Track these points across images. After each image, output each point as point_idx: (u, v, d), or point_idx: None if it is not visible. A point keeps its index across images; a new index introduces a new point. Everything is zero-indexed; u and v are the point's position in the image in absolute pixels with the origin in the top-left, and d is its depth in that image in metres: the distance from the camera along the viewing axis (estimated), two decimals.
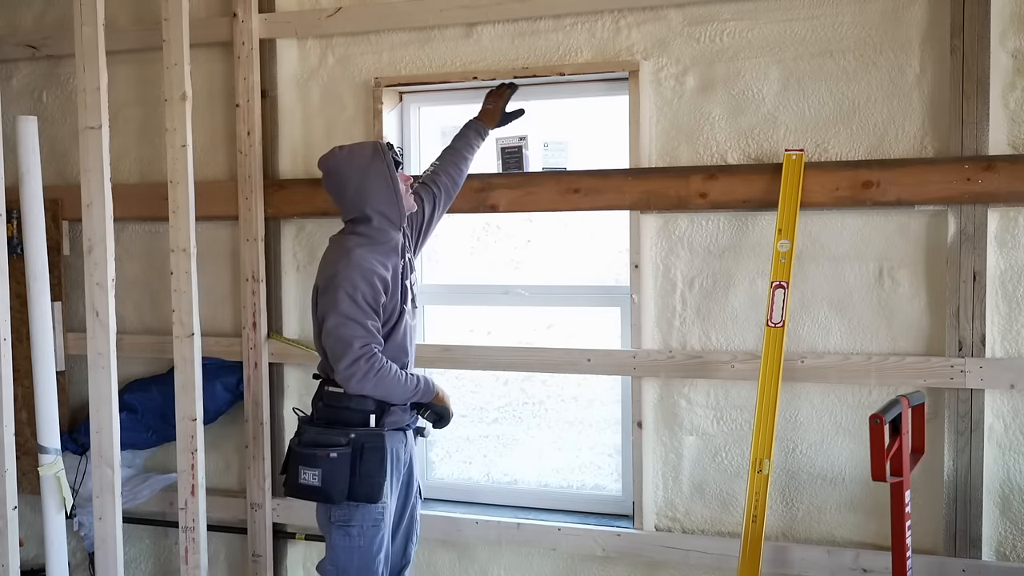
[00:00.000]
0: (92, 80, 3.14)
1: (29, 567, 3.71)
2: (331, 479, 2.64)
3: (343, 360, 2.62)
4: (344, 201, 2.77)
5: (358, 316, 2.63)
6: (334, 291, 2.64)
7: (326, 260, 2.76)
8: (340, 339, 2.63)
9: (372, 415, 2.71)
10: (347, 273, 2.64)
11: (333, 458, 2.64)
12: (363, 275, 2.65)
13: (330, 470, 2.64)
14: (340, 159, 2.76)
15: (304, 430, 2.74)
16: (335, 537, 2.73)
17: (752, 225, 3.02)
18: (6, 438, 3.04)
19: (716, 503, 3.13)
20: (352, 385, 2.64)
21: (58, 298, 3.60)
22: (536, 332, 3.44)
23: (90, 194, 3.17)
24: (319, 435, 2.70)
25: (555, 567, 3.32)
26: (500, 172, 3.26)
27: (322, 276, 2.72)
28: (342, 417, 2.71)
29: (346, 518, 2.70)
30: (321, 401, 2.77)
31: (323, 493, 2.65)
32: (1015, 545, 2.88)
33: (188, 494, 3.31)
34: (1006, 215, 2.80)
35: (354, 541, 2.70)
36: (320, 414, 2.76)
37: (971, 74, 2.77)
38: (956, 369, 2.81)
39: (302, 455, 2.67)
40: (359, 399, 2.69)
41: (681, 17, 3.05)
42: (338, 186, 2.76)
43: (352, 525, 2.70)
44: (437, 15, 3.25)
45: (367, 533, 2.71)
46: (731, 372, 3.02)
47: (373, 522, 2.71)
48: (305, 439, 2.71)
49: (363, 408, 2.70)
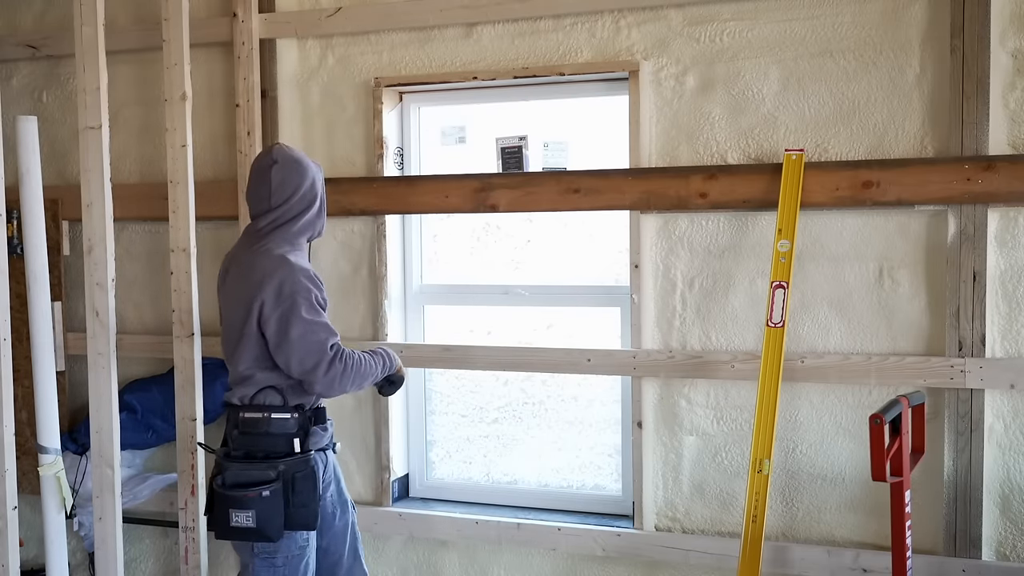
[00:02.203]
0: (92, 80, 3.14)
1: (29, 567, 3.71)
2: (265, 517, 2.51)
3: (319, 367, 2.53)
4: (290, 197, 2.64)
5: (319, 318, 2.56)
6: (290, 301, 2.53)
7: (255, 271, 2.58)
8: (310, 346, 2.53)
9: (296, 438, 2.59)
10: (293, 280, 2.55)
11: (266, 496, 2.51)
12: (307, 278, 2.58)
13: (263, 508, 2.51)
14: (305, 158, 2.71)
15: (225, 467, 2.57)
16: (258, 569, 2.59)
17: (752, 225, 3.02)
18: (6, 438, 3.04)
19: (716, 503, 3.13)
20: (335, 388, 2.57)
21: (58, 298, 3.60)
22: (536, 332, 3.44)
23: (90, 194, 3.17)
24: (243, 472, 2.55)
25: (555, 567, 3.32)
26: (500, 172, 3.26)
27: (263, 289, 2.55)
28: (262, 445, 2.58)
29: (271, 550, 2.58)
30: (236, 429, 2.60)
31: (259, 533, 2.52)
32: (1015, 545, 2.87)
33: (188, 494, 3.31)
34: (1006, 215, 2.80)
35: (279, 571, 2.59)
36: (238, 444, 2.60)
37: (971, 74, 2.77)
38: (956, 369, 2.81)
39: (231, 498, 2.51)
40: (279, 422, 2.57)
41: (681, 17, 3.05)
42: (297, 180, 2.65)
43: (277, 555, 2.59)
44: (437, 15, 3.25)
45: (292, 562, 2.60)
46: (731, 372, 3.02)
47: (298, 550, 2.61)
48: (228, 478, 2.54)
49: (285, 431, 2.58)
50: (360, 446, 3.45)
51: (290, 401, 2.62)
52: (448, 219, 3.49)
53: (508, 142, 3.25)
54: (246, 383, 2.63)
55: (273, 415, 2.59)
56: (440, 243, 3.54)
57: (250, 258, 2.64)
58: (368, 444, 3.45)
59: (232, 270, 2.70)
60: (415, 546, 3.46)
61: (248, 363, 2.62)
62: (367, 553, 3.50)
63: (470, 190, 3.21)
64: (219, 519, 2.56)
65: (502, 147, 3.25)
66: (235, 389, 2.66)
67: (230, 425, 2.65)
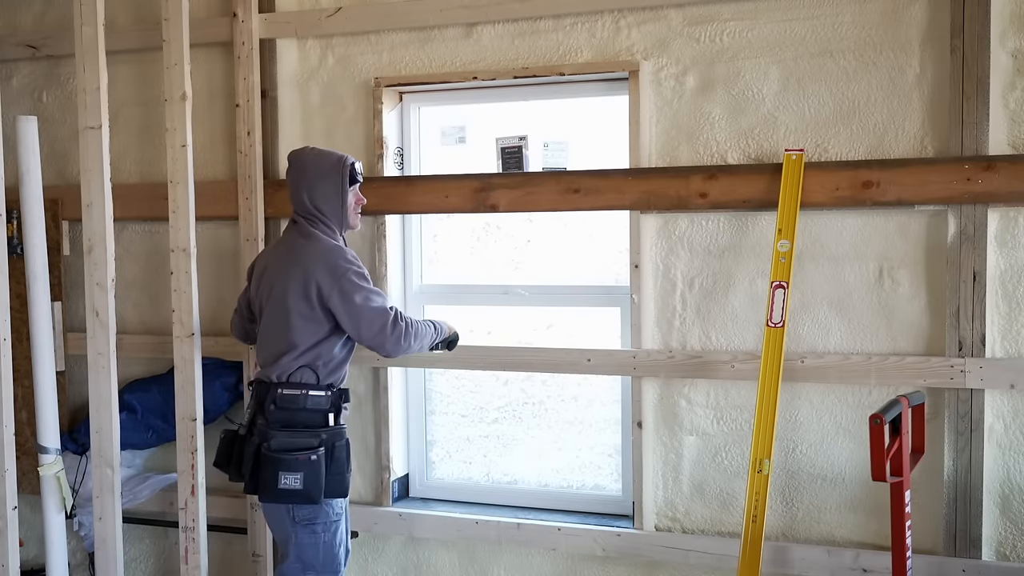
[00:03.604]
0: (92, 80, 3.14)
1: (29, 567, 3.71)
2: (312, 480, 2.73)
3: (386, 328, 2.79)
4: (299, 195, 2.90)
5: (373, 287, 2.84)
6: (341, 277, 2.79)
7: (302, 256, 2.84)
8: (374, 311, 2.79)
9: (329, 413, 2.83)
10: (339, 259, 2.82)
11: (314, 460, 2.74)
12: (351, 257, 2.85)
13: (310, 472, 2.73)
14: (307, 156, 2.94)
15: (271, 435, 2.77)
16: (301, 536, 2.83)
17: (752, 225, 3.02)
18: (6, 438, 3.05)
19: (716, 503, 3.13)
20: (400, 346, 2.82)
21: (58, 298, 3.60)
22: (536, 332, 3.44)
23: (90, 194, 3.17)
24: (290, 439, 2.77)
25: (555, 567, 3.32)
26: (500, 172, 3.26)
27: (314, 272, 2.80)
28: (300, 419, 2.80)
29: (311, 516, 2.80)
30: (273, 405, 2.80)
31: (305, 495, 2.74)
32: (1015, 545, 2.87)
33: (188, 494, 3.31)
34: (1006, 215, 2.80)
35: (319, 537, 2.83)
36: (275, 418, 2.80)
37: (971, 74, 2.77)
38: (956, 369, 2.81)
39: (281, 460, 2.73)
40: (315, 399, 2.80)
41: (681, 17, 3.05)
42: (297, 179, 2.90)
43: (317, 522, 2.82)
44: (437, 15, 3.25)
45: (330, 528, 2.84)
46: (731, 372, 3.02)
47: (335, 516, 2.86)
48: (275, 444, 2.75)
49: (319, 407, 2.81)
50: (360, 446, 3.44)
51: (323, 380, 2.84)
52: (448, 219, 3.49)
53: (508, 142, 3.25)
54: (283, 363, 2.83)
55: (310, 392, 2.81)
56: (440, 243, 3.54)
57: (292, 247, 2.89)
58: (368, 444, 3.45)
59: (274, 261, 2.92)
60: (415, 546, 3.46)
61: (294, 343, 2.82)
62: (367, 553, 3.51)
63: (470, 190, 3.21)
64: (268, 482, 2.74)
65: (502, 147, 3.25)
66: (269, 368, 2.86)
67: (267, 400, 2.82)
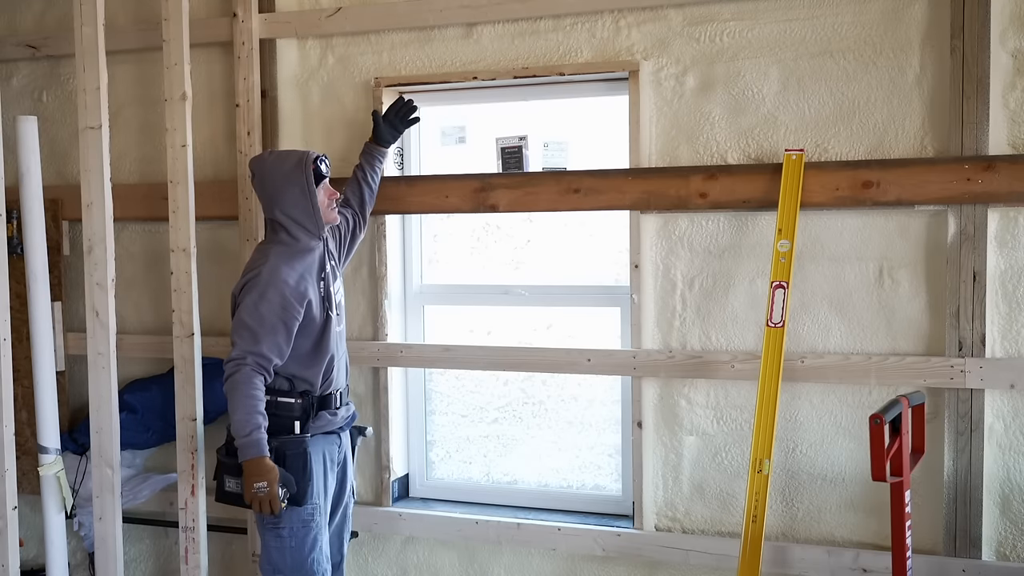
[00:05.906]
0: (92, 80, 3.14)
1: (29, 567, 3.71)
2: None
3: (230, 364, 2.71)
4: (263, 203, 2.89)
5: (254, 326, 2.71)
6: (246, 295, 2.75)
7: (248, 265, 2.85)
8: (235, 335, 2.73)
9: (296, 421, 2.80)
10: (258, 282, 2.74)
11: None
12: (276, 288, 2.73)
13: None
14: (265, 162, 2.88)
15: (230, 439, 2.78)
16: (267, 538, 2.83)
17: (752, 225, 3.02)
18: (6, 438, 3.05)
19: (716, 503, 3.13)
20: (225, 384, 2.72)
21: (58, 298, 3.60)
22: (536, 332, 3.44)
23: (90, 194, 3.17)
24: None
25: (555, 567, 3.32)
26: (500, 172, 3.25)
27: (241, 280, 2.80)
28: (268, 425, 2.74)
29: (275, 521, 2.79)
30: None
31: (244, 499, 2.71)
32: (1015, 545, 2.88)
33: (188, 494, 3.31)
34: (1006, 215, 2.80)
35: (285, 542, 2.80)
36: None
37: (971, 74, 2.77)
38: (956, 369, 2.81)
39: (226, 464, 2.77)
40: (285, 405, 2.79)
41: (681, 17, 3.05)
42: (259, 188, 2.87)
43: (282, 527, 2.79)
44: (437, 15, 3.25)
45: (297, 534, 2.80)
46: (731, 372, 3.02)
47: (302, 523, 2.80)
48: (231, 449, 2.76)
49: (289, 414, 2.79)
50: (360, 446, 3.44)
51: (297, 387, 2.82)
52: (448, 219, 3.49)
53: (508, 142, 3.25)
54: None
55: (279, 399, 2.80)
56: (440, 243, 3.54)
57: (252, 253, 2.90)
58: (368, 444, 3.45)
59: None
60: (415, 546, 3.46)
61: None
62: (367, 553, 3.51)
63: (470, 190, 3.21)
64: (218, 484, 2.82)
65: (502, 147, 3.25)
66: None
67: None
